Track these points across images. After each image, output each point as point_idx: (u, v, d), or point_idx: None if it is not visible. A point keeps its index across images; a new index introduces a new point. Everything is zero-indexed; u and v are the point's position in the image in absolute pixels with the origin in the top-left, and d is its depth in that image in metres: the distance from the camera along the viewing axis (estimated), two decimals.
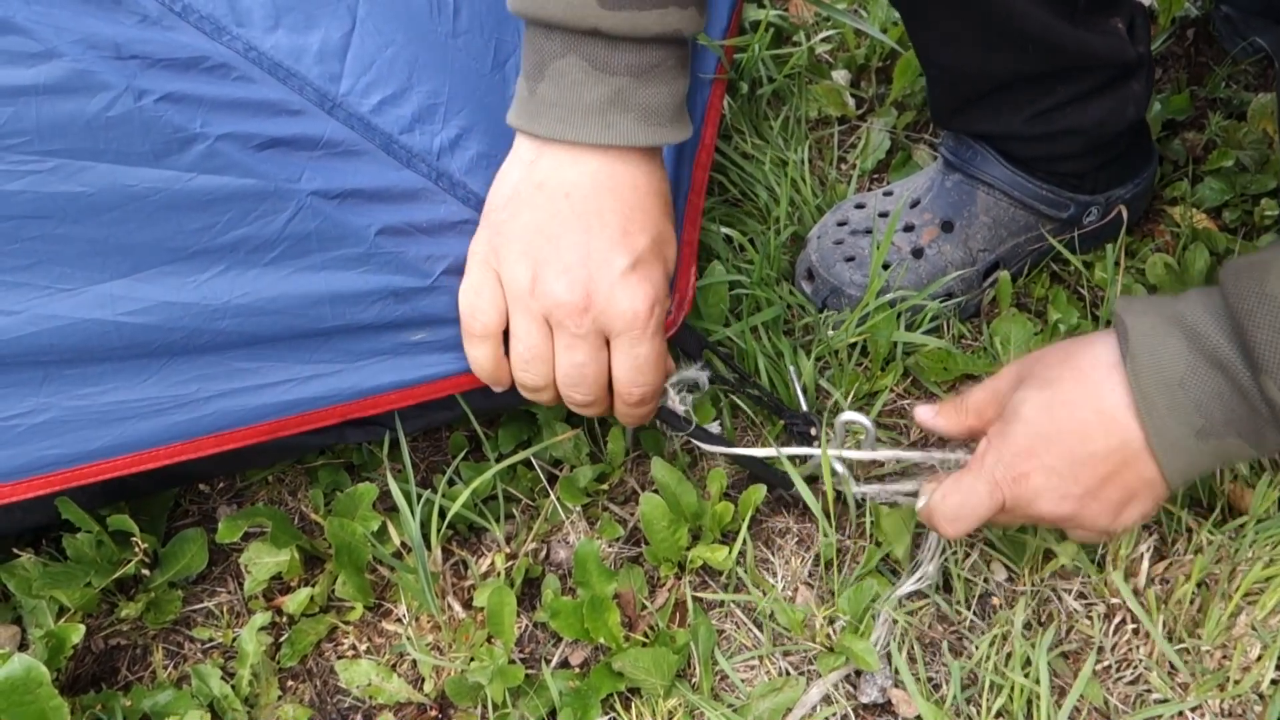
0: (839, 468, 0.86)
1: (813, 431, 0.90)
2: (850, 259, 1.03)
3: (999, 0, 0.87)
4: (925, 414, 0.79)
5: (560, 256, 0.71)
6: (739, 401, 0.98)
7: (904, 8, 0.97)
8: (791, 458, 0.89)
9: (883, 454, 0.85)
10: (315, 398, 0.78)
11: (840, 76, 1.29)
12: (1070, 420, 0.69)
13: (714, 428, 0.93)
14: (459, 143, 0.76)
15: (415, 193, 0.73)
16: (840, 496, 0.87)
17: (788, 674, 0.85)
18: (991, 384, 0.76)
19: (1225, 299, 0.65)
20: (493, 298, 0.74)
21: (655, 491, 0.89)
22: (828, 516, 0.86)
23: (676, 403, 0.86)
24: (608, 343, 0.75)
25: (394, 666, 0.87)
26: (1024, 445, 0.70)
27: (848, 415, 0.86)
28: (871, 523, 0.89)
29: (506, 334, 0.76)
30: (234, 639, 0.89)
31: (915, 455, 0.85)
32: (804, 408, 0.93)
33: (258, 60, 0.68)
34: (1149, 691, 0.82)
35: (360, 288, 0.73)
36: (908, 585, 0.85)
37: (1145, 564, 0.86)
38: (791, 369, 0.96)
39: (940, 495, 0.74)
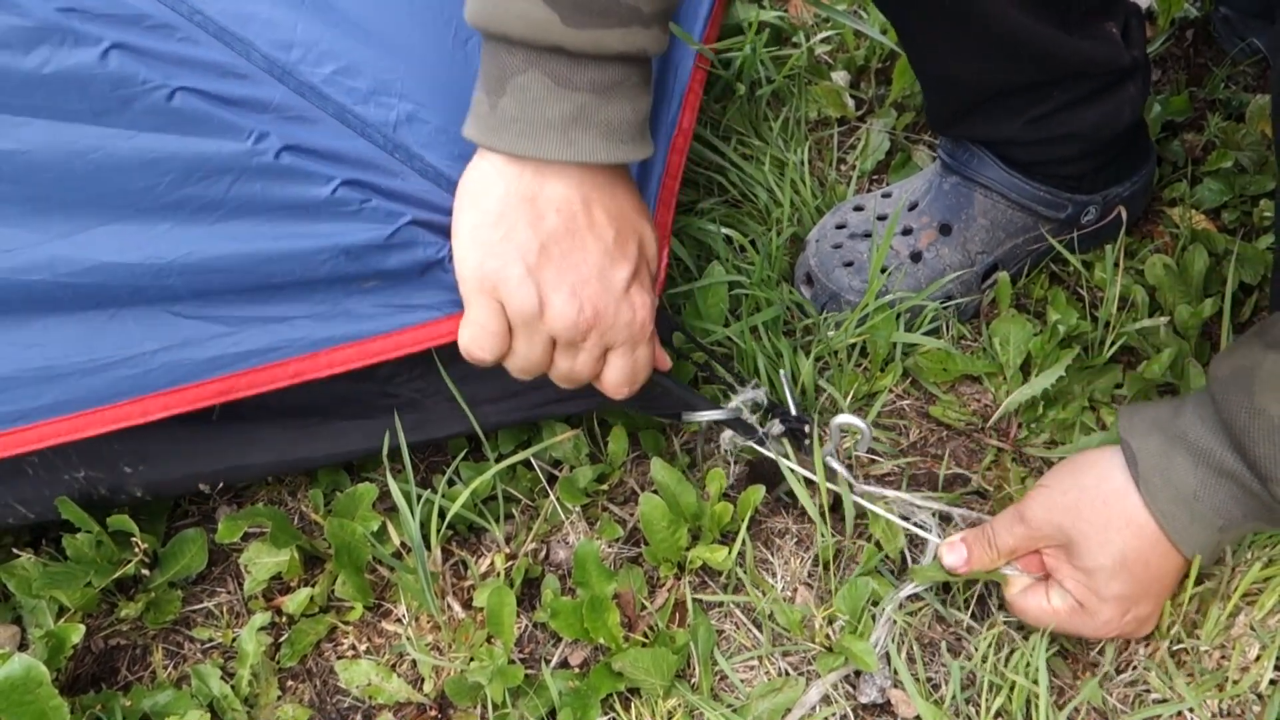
0: (840, 469, 0.86)
1: (806, 429, 0.90)
2: (849, 264, 1.03)
3: (993, 14, 0.87)
4: (955, 560, 0.81)
5: (563, 278, 0.70)
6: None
7: (898, 22, 0.97)
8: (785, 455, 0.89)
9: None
10: (266, 349, 0.75)
11: (840, 77, 1.29)
12: (1145, 573, 0.75)
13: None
14: (415, 116, 0.73)
15: (369, 162, 0.71)
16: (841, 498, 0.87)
17: (787, 674, 0.85)
18: (1019, 530, 0.79)
19: (1219, 414, 0.70)
20: (500, 329, 0.73)
21: (655, 492, 0.89)
22: (824, 517, 0.86)
23: (747, 415, 0.89)
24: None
25: (394, 666, 0.87)
26: (1116, 612, 0.76)
27: (843, 418, 0.87)
28: (868, 523, 0.89)
29: None
30: (234, 639, 0.89)
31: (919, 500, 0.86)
32: (794, 411, 0.93)
33: (203, 24, 0.66)
34: (1148, 691, 0.82)
35: (310, 246, 0.71)
36: (909, 588, 0.85)
37: None
38: (783, 373, 0.96)
39: (1019, 605, 0.80)
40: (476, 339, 0.72)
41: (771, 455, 0.89)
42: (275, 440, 0.87)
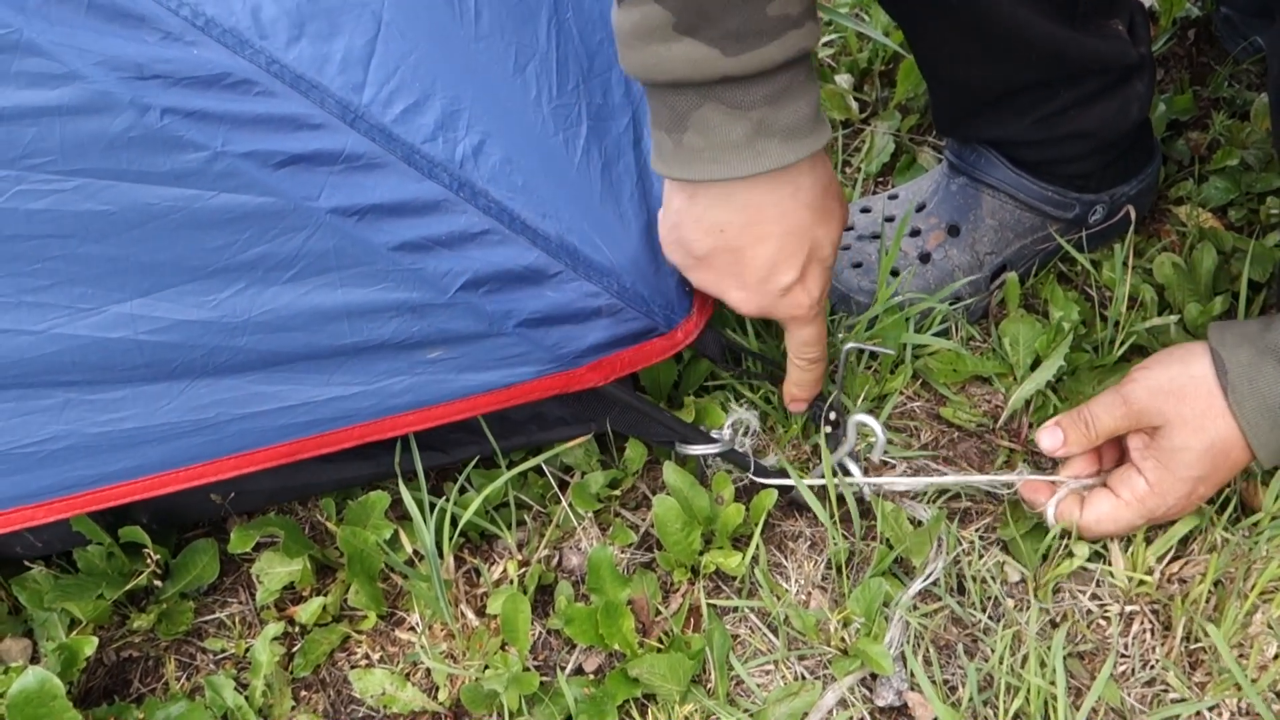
0: (854, 469, 0.86)
1: (832, 416, 0.90)
2: (858, 265, 1.03)
3: (1000, 13, 0.87)
4: (1051, 443, 0.84)
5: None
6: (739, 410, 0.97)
7: (906, 23, 0.97)
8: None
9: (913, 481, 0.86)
10: (334, 418, 0.79)
11: (843, 80, 1.29)
12: (1224, 461, 0.79)
13: (768, 460, 0.94)
14: (481, 149, 0.75)
15: (436, 204, 0.73)
16: (858, 500, 0.87)
17: (803, 678, 0.84)
18: (1120, 411, 0.81)
19: None
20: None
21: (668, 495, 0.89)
22: (834, 521, 0.86)
23: (740, 444, 0.90)
24: None
25: (408, 675, 0.87)
26: (1186, 491, 0.80)
27: (860, 417, 0.86)
28: (877, 524, 0.89)
29: None
30: (247, 649, 0.89)
31: (949, 480, 0.88)
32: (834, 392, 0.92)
33: (280, 74, 0.68)
34: (1166, 691, 0.82)
35: (378, 303, 0.73)
36: (918, 584, 0.85)
37: (1158, 563, 0.86)
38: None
39: (1093, 519, 0.84)
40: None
41: (770, 484, 0.89)
42: (283, 468, 0.87)
